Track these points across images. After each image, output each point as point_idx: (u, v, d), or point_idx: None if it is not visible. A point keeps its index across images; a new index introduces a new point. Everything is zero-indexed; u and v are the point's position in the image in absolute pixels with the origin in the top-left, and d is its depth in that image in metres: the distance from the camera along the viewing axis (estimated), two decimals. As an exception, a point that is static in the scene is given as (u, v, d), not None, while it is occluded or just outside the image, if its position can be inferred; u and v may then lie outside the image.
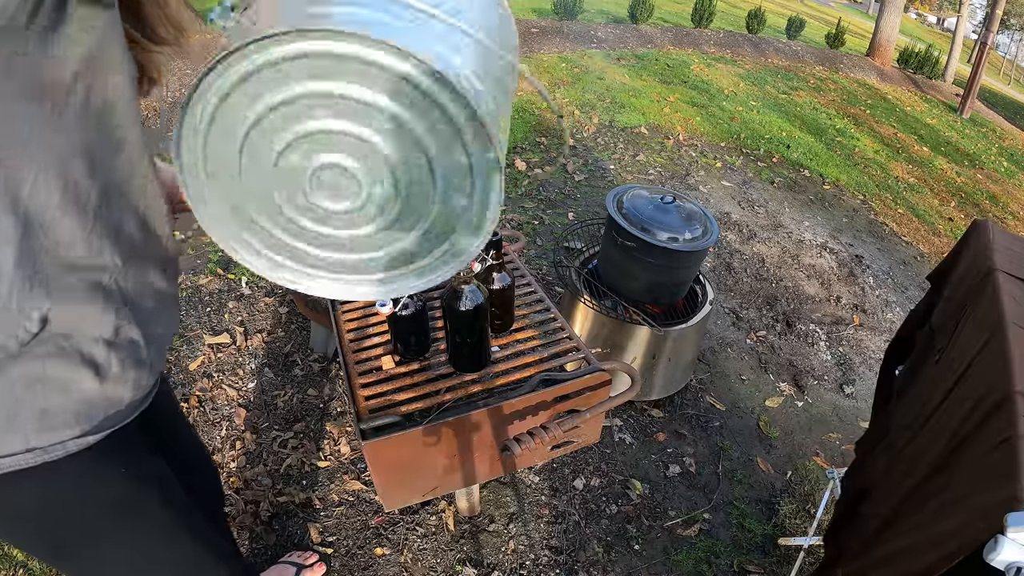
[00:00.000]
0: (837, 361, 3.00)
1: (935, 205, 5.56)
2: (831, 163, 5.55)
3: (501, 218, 3.49)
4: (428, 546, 1.81)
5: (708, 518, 2.05)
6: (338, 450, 2.04)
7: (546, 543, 1.87)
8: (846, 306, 3.43)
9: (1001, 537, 0.69)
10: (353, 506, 1.89)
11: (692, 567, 1.89)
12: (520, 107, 5.09)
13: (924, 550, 0.85)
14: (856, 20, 22.90)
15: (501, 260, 1.16)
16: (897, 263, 4.12)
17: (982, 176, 7.01)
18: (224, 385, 2.21)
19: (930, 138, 7.76)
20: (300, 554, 1.69)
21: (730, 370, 2.74)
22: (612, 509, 2.01)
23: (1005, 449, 0.78)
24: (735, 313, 3.13)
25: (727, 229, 3.87)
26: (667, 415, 2.40)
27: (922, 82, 11.17)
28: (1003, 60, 29.30)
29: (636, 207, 2.09)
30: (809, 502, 2.15)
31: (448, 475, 1.15)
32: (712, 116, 5.89)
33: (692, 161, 4.77)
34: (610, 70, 6.69)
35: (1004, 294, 1.05)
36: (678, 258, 2.06)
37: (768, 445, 2.40)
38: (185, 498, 0.96)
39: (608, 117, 5.29)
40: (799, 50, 10.13)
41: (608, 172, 4.31)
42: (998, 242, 1.24)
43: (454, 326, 1.09)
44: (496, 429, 1.12)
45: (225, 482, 1.90)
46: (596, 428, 1.26)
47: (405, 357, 1.18)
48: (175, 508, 0.93)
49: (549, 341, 1.27)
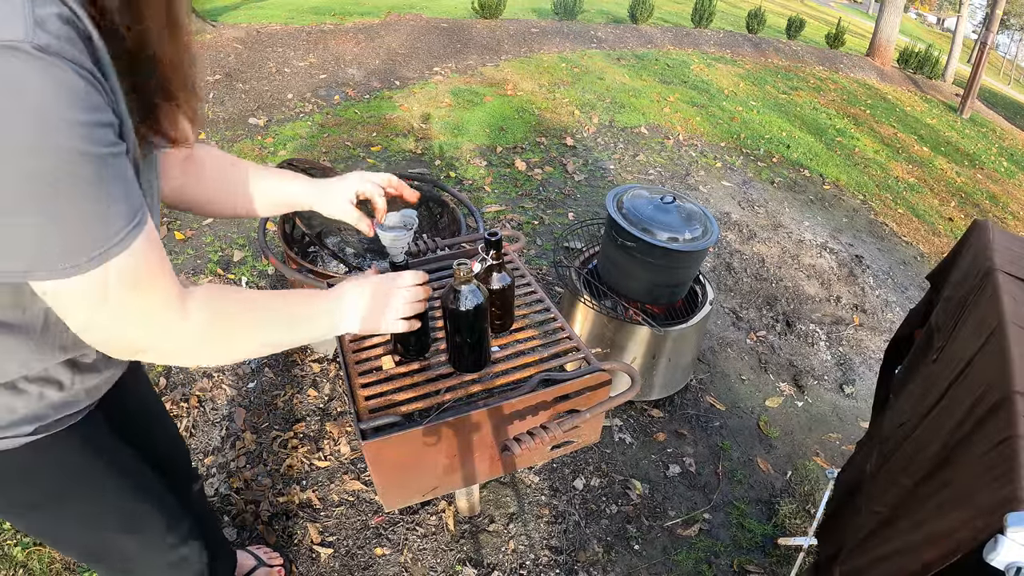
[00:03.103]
0: (837, 361, 3.00)
1: (935, 205, 5.56)
2: (831, 163, 5.55)
3: (501, 218, 3.49)
4: (428, 546, 1.81)
5: (708, 518, 2.05)
6: (338, 450, 2.04)
7: (546, 543, 1.87)
8: (846, 306, 3.43)
9: (1001, 537, 0.69)
10: (353, 506, 1.89)
11: (692, 567, 1.89)
12: (520, 107, 5.09)
13: (921, 549, 0.85)
14: (856, 20, 22.90)
15: (501, 260, 1.16)
16: (897, 263, 4.12)
17: (982, 176, 7.01)
18: (224, 385, 2.21)
19: (930, 138, 7.77)
20: (267, 551, 1.69)
21: (730, 370, 2.74)
22: (612, 509, 2.01)
23: (1004, 449, 0.78)
24: (735, 313, 3.13)
25: (727, 229, 3.87)
26: (667, 415, 2.40)
27: (922, 82, 11.17)
28: (1003, 60, 29.31)
29: (636, 207, 2.09)
30: (809, 502, 2.15)
31: (448, 475, 1.15)
32: (712, 116, 5.90)
33: (692, 161, 4.77)
34: (610, 70, 6.69)
35: (1004, 294, 1.05)
36: (678, 258, 2.06)
37: (768, 445, 2.40)
38: (145, 468, 1.05)
39: (608, 117, 5.29)
40: (799, 50, 10.13)
41: (608, 172, 4.31)
42: (998, 242, 1.24)
43: (454, 326, 1.09)
44: (496, 429, 1.12)
45: (225, 482, 1.90)
46: (596, 428, 1.25)
47: (405, 357, 1.18)
48: (130, 476, 1.01)
49: (549, 341, 1.27)
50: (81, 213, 0.59)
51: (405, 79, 5.38)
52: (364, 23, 6.50)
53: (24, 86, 0.53)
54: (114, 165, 0.60)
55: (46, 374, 0.80)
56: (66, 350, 0.80)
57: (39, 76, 0.53)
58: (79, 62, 0.56)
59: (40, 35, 0.53)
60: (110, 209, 0.60)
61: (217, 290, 0.77)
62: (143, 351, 0.71)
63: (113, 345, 0.70)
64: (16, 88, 0.53)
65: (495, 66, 6.14)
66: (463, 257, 1.47)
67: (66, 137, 0.55)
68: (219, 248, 2.87)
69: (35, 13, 0.54)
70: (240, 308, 0.79)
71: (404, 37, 6.28)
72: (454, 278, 1.02)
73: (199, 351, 0.75)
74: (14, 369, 0.76)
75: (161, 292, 0.68)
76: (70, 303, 0.64)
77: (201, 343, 0.74)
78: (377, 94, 4.95)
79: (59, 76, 0.54)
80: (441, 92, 5.15)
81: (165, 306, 0.69)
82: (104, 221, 0.60)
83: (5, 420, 0.79)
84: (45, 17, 0.54)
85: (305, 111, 4.46)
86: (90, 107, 0.57)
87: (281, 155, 3.80)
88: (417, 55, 5.98)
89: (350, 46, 5.77)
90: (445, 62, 5.97)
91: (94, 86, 0.58)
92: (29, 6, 0.54)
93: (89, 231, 0.60)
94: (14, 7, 0.53)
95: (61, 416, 0.85)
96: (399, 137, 4.24)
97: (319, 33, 5.92)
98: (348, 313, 0.91)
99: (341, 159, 3.84)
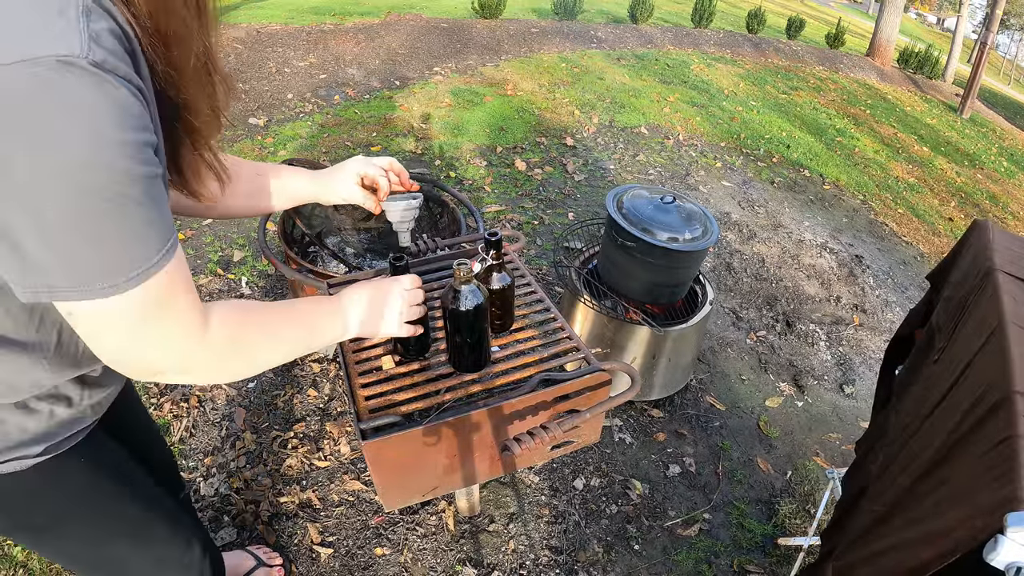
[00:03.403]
0: (837, 361, 3.00)
1: (935, 205, 5.56)
2: (831, 163, 5.55)
3: (501, 218, 3.49)
4: (428, 546, 1.81)
5: (708, 518, 2.05)
6: (338, 450, 2.04)
7: (546, 543, 1.87)
8: (846, 306, 3.43)
9: (1001, 537, 0.68)
10: (353, 506, 1.89)
11: (692, 567, 1.89)
12: (520, 107, 5.09)
13: (919, 547, 0.85)
14: (856, 20, 22.90)
15: (501, 260, 1.16)
16: (897, 263, 4.12)
17: (982, 176, 7.01)
18: (224, 385, 2.21)
19: (930, 138, 7.77)
20: (267, 551, 1.70)
21: (730, 370, 2.74)
22: (612, 509, 2.01)
23: (1004, 448, 0.78)
24: (735, 313, 3.13)
25: (727, 229, 3.87)
26: (667, 415, 2.40)
27: (922, 82, 11.17)
28: (1003, 60, 29.31)
29: (636, 207, 2.09)
30: (809, 502, 2.15)
31: (448, 475, 1.15)
32: (712, 116, 5.89)
33: (692, 161, 4.77)
34: (610, 70, 6.69)
35: (1004, 294, 1.05)
36: (678, 258, 2.06)
37: (768, 445, 2.40)
38: (148, 480, 1.05)
39: (608, 117, 5.29)
40: (799, 50, 10.13)
41: (608, 172, 4.31)
42: (998, 242, 1.24)
43: (454, 326, 1.09)
44: (496, 429, 1.12)
45: (225, 482, 1.90)
46: (596, 428, 1.25)
47: (405, 357, 1.18)
48: (132, 486, 1.01)
49: (549, 341, 1.27)
50: (124, 232, 0.58)
51: (405, 79, 5.38)
52: (364, 23, 6.50)
53: (79, 102, 0.52)
54: (155, 186, 0.60)
55: (56, 391, 0.80)
56: (79, 366, 0.79)
57: (93, 92, 0.53)
58: (130, 78, 0.56)
59: (96, 51, 0.53)
60: (150, 230, 0.60)
61: (234, 309, 0.75)
62: (163, 372, 0.70)
63: (134, 366, 0.68)
64: (72, 104, 0.52)
65: (495, 66, 6.14)
66: (463, 257, 1.47)
67: (118, 156, 0.55)
68: (219, 248, 2.87)
69: (90, 28, 0.53)
70: (258, 323, 0.78)
71: (404, 37, 6.28)
72: (454, 278, 1.02)
73: (219, 370, 0.75)
74: (26, 388, 0.76)
75: (187, 315, 0.68)
76: (102, 324, 0.62)
77: (221, 361, 0.74)
78: (377, 94, 4.96)
79: (112, 93, 0.54)
80: (441, 92, 5.15)
81: (188, 329, 0.68)
82: (144, 242, 0.60)
83: (15, 440, 0.78)
84: (100, 32, 0.54)
85: (305, 111, 4.46)
86: (139, 126, 0.57)
87: (281, 155, 3.80)
88: (417, 55, 5.98)
89: (350, 46, 5.77)
90: (445, 62, 5.97)
91: (142, 104, 0.58)
92: (84, 20, 0.53)
93: (129, 251, 0.59)
94: (69, 22, 0.53)
95: (69, 434, 0.84)
96: (399, 137, 4.24)
97: (319, 33, 5.92)
98: (350, 318, 0.91)
99: (341, 159, 3.81)
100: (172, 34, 0.62)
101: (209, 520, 1.79)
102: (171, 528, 1.10)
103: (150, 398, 2.11)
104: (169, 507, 1.11)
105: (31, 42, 0.51)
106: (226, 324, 0.73)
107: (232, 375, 0.77)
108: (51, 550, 0.99)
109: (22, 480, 0.81)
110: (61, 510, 0.90)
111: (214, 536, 1.75)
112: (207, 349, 0.71)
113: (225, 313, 0.73)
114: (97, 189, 0.55)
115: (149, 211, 0.60)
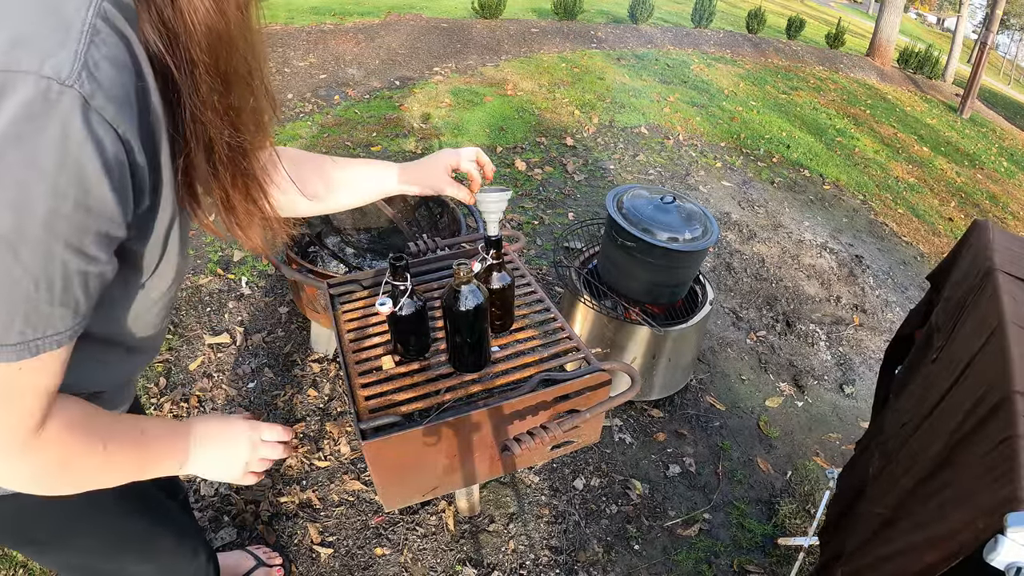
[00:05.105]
0: (837, 361, 3.00)
1: (935, 205, 5.56)
2: (831, 163, 5.55)
3: (501, 218, 3.49)
4: (428, 546, 1.81)
5: (708, 518, 2.05)
6: (338, 450, 2.04)
7: (546, 543, 1.87)
8: (846, 306, 3.43)
9: (1001, 537, 0.68)
10: (353, 506, 1.89)
11: (692, 567, 1.88)
12: (520, 107, 5.09)
13: (924, 550, 0.85)
14: (856, 20, 22.89)
15: (501, 260, 1.16)
16: (897, 263, 4.12)
17: (982, 176, 7.01)
18: (224, 385, 2.21)
19: (930, 138, 7.77)
20: (267, 551, 1.69)
21: (730, 370, 2.74)
22: (612, 509, 2.01)
23: (1005, 449, 0.78)
24: (735, 313, 3.13)
25: (727, 229, 3.87)
26: (667, 415, 2.40)
27: (922, 82, 11.17)
28: (1003, 60, 29.31)
29: (636, 207, 2.09)
30: (809, 502, 2.15)
31: (448, 475, 1.15)
32: (712, 116, 5.89)
33: (692, 161, 4.77)
34: (610, 70, 6.69)
35: (1004, 294, 1.05)
36: (678, 258, 2.06)
37: (768, 445, 2.40)
38: (152, 489, 1.01)
39: (608, 117, 5.29)
40: (799, 50, 10.13)
41: (608, 172, 4.31)
42: (998, 242, 1.24)
43: (454, 326, 1.09)
44: (496, 429, 1.12)
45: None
46: (596, 428, 1.25)
47: (405, 357, 1.18)
48: (135, 500, 0.99)
49: (549, 341, 1.27)
50: (18, 294, 0.50)
51: (405, 79, 5.38)
52: (364, 23, 6.50)
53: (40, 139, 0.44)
54: (78, 282, 0.52)
55: None
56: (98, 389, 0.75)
57: (61, 131, 0.44)
58: (117, 126, 0.48)
59: (86, 83, 0.45)
60: (21, 310, 0.51)
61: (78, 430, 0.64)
62: None
63: None
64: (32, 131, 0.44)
65: (495, 66, 6.13)
66: (463, 257, 1.47)
67: (42, 224, 0.46)
68: (219, 248, 2.87)
69: (88, 53, 0.45)
70: (97, 453, 0.67)
71: (404, 37, 6.28)
72: (454, 278, 1.02)
73: (35, 486, 0.64)
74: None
75: (21, 421, 0.57)
76: None
77: (39, 479, 0.64)
78: (377, 94, 4.95)
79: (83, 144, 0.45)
80: (441, 92, 5.15)
81: (12, 437, 0.57)
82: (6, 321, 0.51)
83: None
84: (99, 60, 0.46)
85: (305, 111, 4.46)
86: (95, 201, 0.48)
87: (281, 155, 3.79)
88: (417, 55, 5.98)
89: (350, 46, 5.77)
90: (445, 62, 5.97)
91: (118, 167, 0.49)
92: (86, 40, 0.45)
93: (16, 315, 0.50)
94: (69, 35, 0.45)
95: None
96: (399, 137, 4.24)
97: (319, 33, 5.92)
98: (191, 460, 0.81)
99: (341, 159, 3.83)
100: (232, 72, 0.54)
101: (209, 520, 1.79)
102: (176, 539, 1.09)
103: (150, 398, 2.11)
104: (174, 517, 1.09)
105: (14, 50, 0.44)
106: (62, 445, 0.62)
107: (48, 492, 0.66)
108: (54, 563, 0.97)
109: (22, 500, 0.77)
110: (63, 528, 0.88)
111: (214, 536, 1.75)
112: (30, 465, 0.61)
113: (65, 434, 0.62)
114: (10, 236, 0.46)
115: (40, 295, 0.50)
